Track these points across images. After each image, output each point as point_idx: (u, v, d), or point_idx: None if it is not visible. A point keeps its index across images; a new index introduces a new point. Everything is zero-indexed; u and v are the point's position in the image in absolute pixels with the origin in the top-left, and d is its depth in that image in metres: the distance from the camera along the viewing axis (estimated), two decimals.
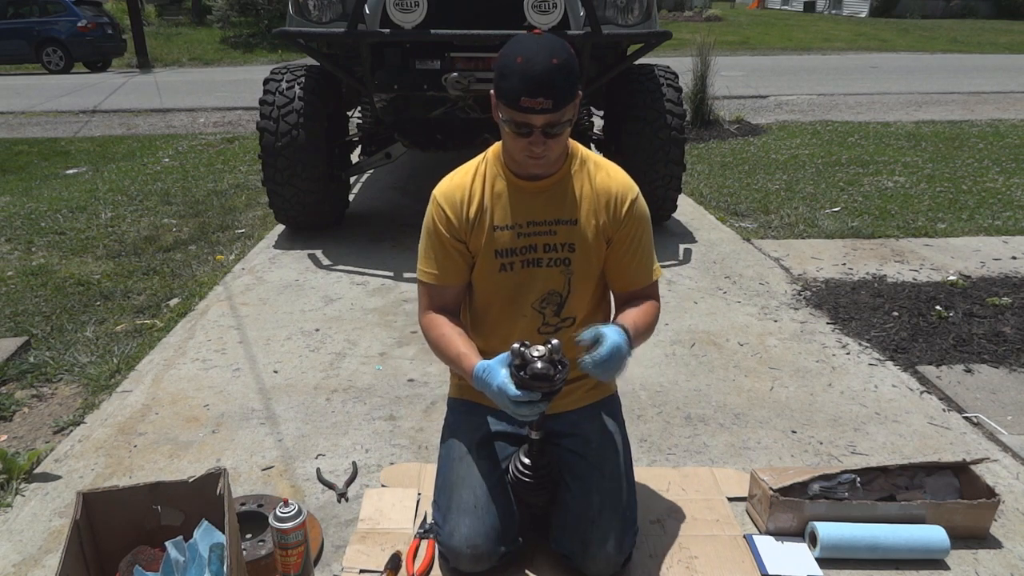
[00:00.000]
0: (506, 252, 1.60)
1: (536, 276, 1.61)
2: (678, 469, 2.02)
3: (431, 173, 1.71)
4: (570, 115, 1.46)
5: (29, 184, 5.76)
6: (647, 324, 1.60)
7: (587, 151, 1.66)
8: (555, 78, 1.39)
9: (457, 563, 1.58)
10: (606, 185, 1.61)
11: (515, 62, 1.40)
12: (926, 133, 7.39)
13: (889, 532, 1.66)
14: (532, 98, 1.38)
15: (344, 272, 3.63)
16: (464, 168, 1.65)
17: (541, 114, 1.41)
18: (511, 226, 1.58)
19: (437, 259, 1.62)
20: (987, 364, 2.63)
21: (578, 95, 1.47)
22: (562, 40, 1.45)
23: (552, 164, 1.55)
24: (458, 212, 1.59)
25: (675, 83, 3.99)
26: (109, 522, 1.44)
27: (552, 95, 1.39)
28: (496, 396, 1.43)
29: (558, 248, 1.59)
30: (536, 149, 1.46)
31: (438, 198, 1.62)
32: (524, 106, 1.39)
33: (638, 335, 1.54)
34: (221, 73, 14.89)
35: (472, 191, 1.60)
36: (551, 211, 1.59)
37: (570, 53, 1.43)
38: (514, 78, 1.39)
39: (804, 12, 31.19)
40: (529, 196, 1.59)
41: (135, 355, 2.75)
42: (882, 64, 14.48)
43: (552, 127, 1.44)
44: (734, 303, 3.21)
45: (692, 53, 7.42)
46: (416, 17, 3.30)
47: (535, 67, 1.38)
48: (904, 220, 4.42)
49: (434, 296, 1.65)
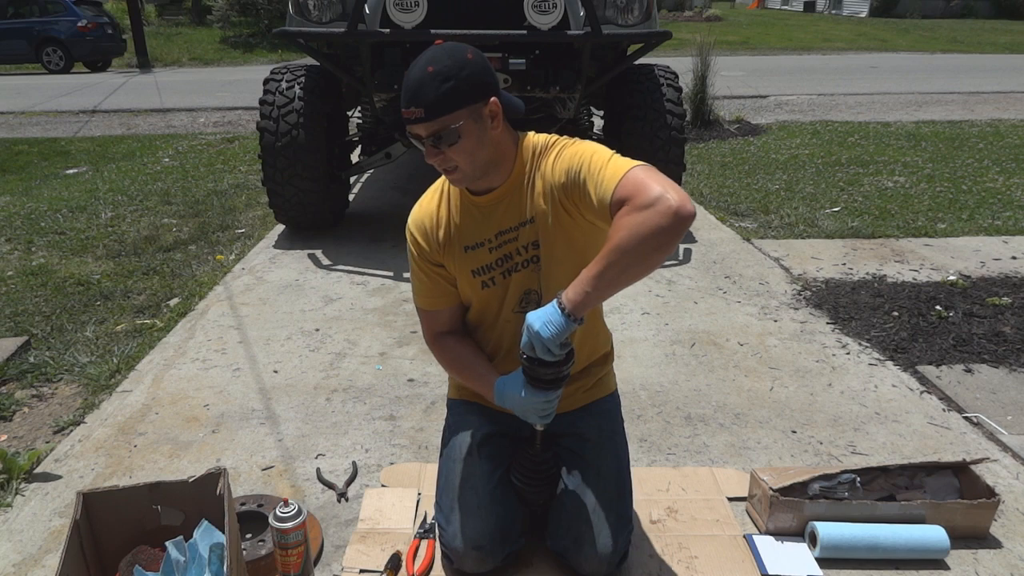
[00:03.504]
0: (483, 269, 1.59)
1: (512, 282, 1.60)
2: (678, 469, 2.02)
3: (431, 173, 1.71)
4: (458, 123, 1.37)
5: (29, 184, 5.77)
6: (609, 250, 1.26)
7: (541, 138, 1.52)
8: (425, 87, 1.34)
9: (461, 564, 1.58)
10: (546, 160, 1.49)
11: (407, 71, 1.41)
12: (926, 133, 7.39)
13: (889, 532, 1.66)
14: (406, 108, 1.38)
15: (344, 272, 3.63)
16: (429, 192, 1.65)
17: (417, 123, 1.38)
18: (482, 243, 1.57)
19: (424, 286, 1.66)
20: (987, 364, 2.63)
21: (473, 103, 1.38)
22: (459, 47, 1.39)
23: (478, 177, 1.47)
24: (429, 239, 1.61)
25: (675, 83, 4.00)
26: (109, 522, 1.44)
27: (422, 103, 1.35)
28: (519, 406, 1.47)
29: (524, 250, 1.56)
30: (434, 160, 1.43)
31: (410, 227, 1.64)
32: (404, 116, 1.40)
33: (594, 276, 1.28)
34: (221, 73, 14.89)
35: (439, 216, 1.60)
36: (513, 217, 1.54)
37: (455, 60, 1.36)
38: (403, 87, 1.40)
39: (804, 12, 31.19)
40: (488, 209, 1.55)
41: (135, 355, 2.75)
42: (882, 64, 14.48)
43: (437, 138, 1.38)
44: (734, 303, 3.21)
45: (692, 53, 7.41)
46: (416, 17, 3.30)
47: (411, 76, 1.38)
48: (904, 220, 4.42)
49: (434, 320, 1.68)
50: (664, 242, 1.22)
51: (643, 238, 1.22)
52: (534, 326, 1.32)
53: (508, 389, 1.49)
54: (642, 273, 1.29)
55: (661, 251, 1.24)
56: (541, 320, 1.32)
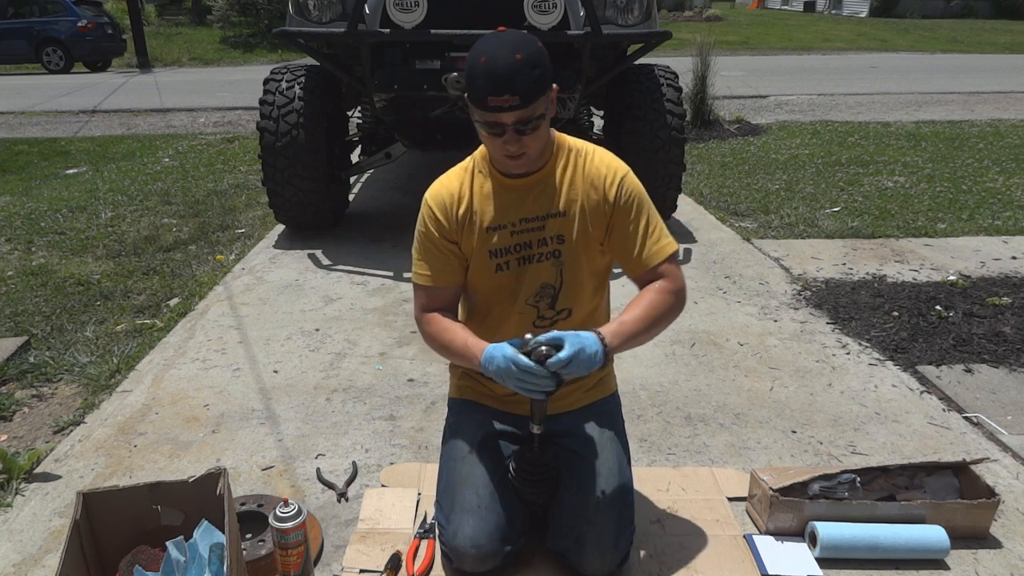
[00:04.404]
0: (500, 252, 1.60)
1: (529, 271, 1.61)
2: (678, 469, 2.02)
3: (431, 173, 1.71)
4: (543, 109, 1.44)
5: (29, 184, 5.77)
6: (647, 316, 1.52)
7: (575, 140, 1.63)
8: (519, 74, 1.37)
9: (461, 563, 1.58)
10: (593, 169, 1.59)
11: (479, 63, 1.40)
12: (926, 133, 7.39)
13: (889, 532, 1.66)
14: (498, 96, 1.38)
15: (344, 272, 3.63)
16: (454, 170, 1.65)
17: (510, 111, 1.40)
18: (504, 225, 1.59)
19: (430, 261, 1.64)
20: (987, 364, 2.63)
21: (550, 88, 1.45)
22: (528, 35, 1.44)
23: (535, 161, 1.54)
24: (447, 214, 1.60)
25: (675, 83, 4.00)
26: (109, 522, 1.44)
27: (518, 91, 1.38)
28: (504, 370, 1.41)
29: (548, 242, 1.59)
30: (511, 148, 1.46)
31: (428, 201, 1.63)
32: (492, 105, 1.39)
33: (632, 334, 1.50)
34: (221, 73, 14.89)
35: (461, 193, 1.61)
36: (542, 206, 1.58)
37: (537, 47, 1.42)
38: (480, 79, 1.39)
39: (804, 12, 31.19)
40: (519, 194, 1.58)
41: (135, 355, 2.75)
42: (882, 64, 14.48)
43: (524, 124, 1.43)
44: (734, 303, 3.21)
45: (692, 53, 7.41)
46: (416, 17, 3.30)
47: (498, 65, 1.38)
48: (904, 220, 4.42)
49: (430, 297, 1.66)
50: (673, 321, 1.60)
51: (670, 318, 1.58)
52: (588, 350, 1.41)
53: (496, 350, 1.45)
54: (648, 340, 1.58)
55: (664, 329, 1.60)
56: (592, 350, 1.42)
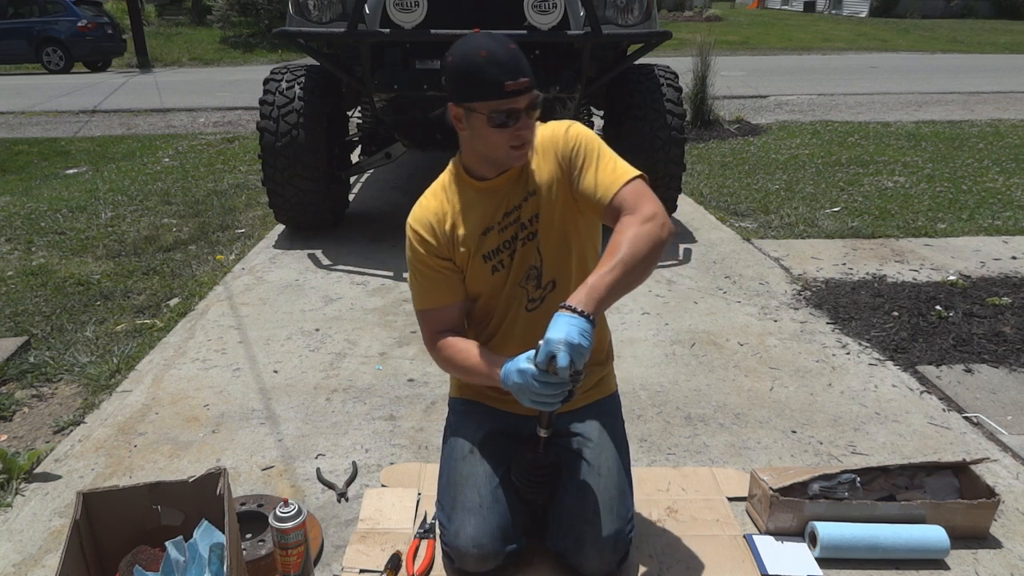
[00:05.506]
0: (493, 252, 1.61)
1: (516, 261, 1.62)
2: (678, 469, 2.02)
3: (431, 173, 1.71)
4: None
5: (29, 184, 5.77)
6: (616, 264, 1.37)
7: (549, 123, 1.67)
8: (522, 59, 1.43)
9: (462, 563, 1.58)
10: (545, 140, 1.58)
11: (480, 56, 1.41)
12: (926, 133, 7.39)
13: (889, 532, 1.66)
14: (515, 80, 1.41)
15: (344, 272, 3.63)
16: (429, 191, 1.66)
17: (527, 93, 1.43)
18: (492, 227, 1.60)
19: (428, 284, 1.64)
20: (987, 364, 2.63)
21: None
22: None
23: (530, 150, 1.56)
24: (435, 232, 1.61)
25: (675, 83, 3.99)
26: (109, 522, 1.44)
27: (526, 73, 1.43)
28: (523, 384, 1.37)
29: (527, 224, 1.59)
30: (526, 133, 1.47)
31: (412, 225, 1.63)
32: (510, 90, 1.41)
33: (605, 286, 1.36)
34: (221, 73, 14.89)
35: (443, 209, 1.62)
36: (517, 194, 1.59)
37: None
38: (491, 68, 1.40)
39: (804, 12, 31.20)
40: (494, 191, 1.59)
41: (135, 355, 2.75)
42: (882, 64, 14.48)
43: (532, 106, 1.47)
44: (734, 303, 3.21)
45: (692, 53, 7.42)
46: (416, 17, 3.30)
47: (502, 53, 1.41)
48: (904, 220, 4.42)
49: (437, 321, 1.66)
50: (661, 253, 1.42)
51: (652, 249, 1.40)
52: (572, 340, 1.28)
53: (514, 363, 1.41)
54: (643, 280, 1.43)
55: (657, 261, 1.43)
56: (572, 333, 1.29)
